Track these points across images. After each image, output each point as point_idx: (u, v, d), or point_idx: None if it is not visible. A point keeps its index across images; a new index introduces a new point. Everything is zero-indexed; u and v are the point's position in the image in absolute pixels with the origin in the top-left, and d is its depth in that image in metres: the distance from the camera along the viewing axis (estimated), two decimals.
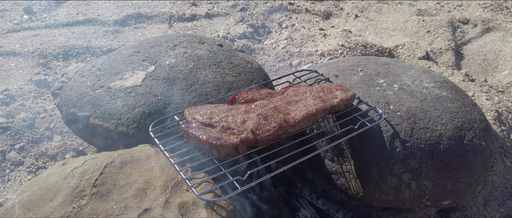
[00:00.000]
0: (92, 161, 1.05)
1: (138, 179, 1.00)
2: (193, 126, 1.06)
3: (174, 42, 1.59)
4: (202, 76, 1.39)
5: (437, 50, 2.40)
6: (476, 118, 1.36)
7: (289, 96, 1.22)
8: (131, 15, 2.60)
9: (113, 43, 2.29)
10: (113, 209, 0.92)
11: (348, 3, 2.98)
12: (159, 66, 1.42)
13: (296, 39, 2.47)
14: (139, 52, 1.52)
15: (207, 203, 0.96)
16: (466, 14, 2.85)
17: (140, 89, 1.32)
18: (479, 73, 2.30)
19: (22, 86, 1.87)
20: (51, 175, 1.02)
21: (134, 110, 1.24)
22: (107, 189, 0.97)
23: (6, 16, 2.53)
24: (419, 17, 2.76)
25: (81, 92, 1.34)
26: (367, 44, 2.39)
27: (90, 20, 2.53)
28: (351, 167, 1.30)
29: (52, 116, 1.71)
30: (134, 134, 1.21)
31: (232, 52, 1.58)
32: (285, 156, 1.06)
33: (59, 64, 2.10)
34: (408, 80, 1.49)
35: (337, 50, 2.33)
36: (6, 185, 1.45)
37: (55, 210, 0.92)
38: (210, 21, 2.64)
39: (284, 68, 2.20)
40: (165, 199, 0.95)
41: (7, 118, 1.65)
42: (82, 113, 1.28)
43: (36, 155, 1.55)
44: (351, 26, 2.68)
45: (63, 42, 2.25)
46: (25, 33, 2.34)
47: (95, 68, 1.44)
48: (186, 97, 1.30)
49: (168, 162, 1.06)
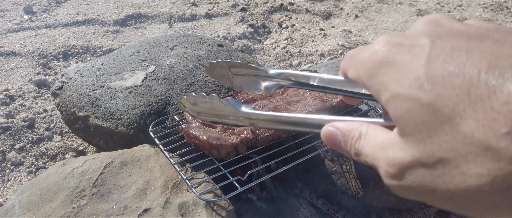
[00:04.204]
0: (92, 161, 1.05)
1: (138, 179, 1.00)
2: (193, 126, 1.06)
3: (174, 42, 1.59)
4: (202, 76, 1.39)
5: None
6: None
7: (289, 96, 1.22)
8: (131, 15, 2.60)
9: (113, 43, 2.29)
10: (113, 209, 0.92)
11: (348, 3, 2.98)
12: (159, 66, 1.42)
13: (296, 39, 2.47)
14: (139, 52, 1.52)
15: (207, 203, 0.96)
16: (466, 14, 2.85)
17: (140, 89, 1.32)
18: None
19: (22, 86, 1.87)
20: (51, 175, 1.02)
21: (134, 110, 1.24)
22: (107, 189, 0.97)
23: (6, 16, 2.53)
24: (419, 17, 2.76)
25: (81, 92, 1.34)
26: (367, 44, 2.39)
27: (90, 20, 2.53)
28: (351, 167, 1.30)
29: (52, 116, 1.71)
30: (134, 134, 1.21)
31: (232, 52, 1.58)
32: (285, 156, 1.06)
33: (59, 64, 2.10)
34: None
35: (337, 50, 2.33)
36: (6, 185, 1.45)
37: (55, 210, 0.91)
38: (210, 21, 2.64)
39: (284, 68, 2.20)
40: (165, 199, 0.95)
41: (7, 118, 1.65)
42: (82, 113, 1.28)
43: (36, 155, 1.55)
44: (351, 26, 2.68)
45: (63, 42, 2.25)
46: (25, 33, 2.34)
47: (95, 68, 1.44)
48: None
49: (168, 162, 1.06)
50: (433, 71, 0.23)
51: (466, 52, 0.23)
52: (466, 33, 0.25)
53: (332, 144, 0.32)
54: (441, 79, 0.23)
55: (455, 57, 0.23)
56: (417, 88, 0.23)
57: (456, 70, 0.22)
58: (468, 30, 0.25)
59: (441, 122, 0.22)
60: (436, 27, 0.27)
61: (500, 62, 0.21)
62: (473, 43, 0.23)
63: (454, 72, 0.22)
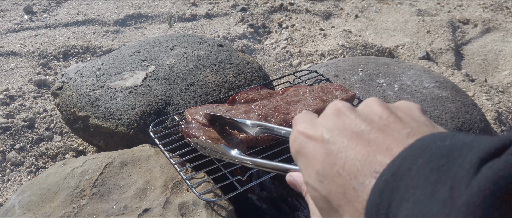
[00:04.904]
0: (92, 161, 1.05)
1: (138, 179, 1.00)
2: (193, 127, 1.06)
3: (174, 42, 1.59)
4: (202, 76, 1.39)
5: (437, 50, 2.40)
6: (476, 118, 1.36)
7: (289, 96, 1.22)
8: (131, 15, 2.60)
9: (113, 43, 2.29)
10: (113, 209, 0.92)
11: (348, 3, 2.98)
12: (159, 66, 1.42)
13: (296, 39, 2.47)
14: (139, 52, 1.52)
15: (207, 203, 0.96)
16: (466, 14, 2.85)
17: (140, 89, 1.32)
18: (479, 73, 2.30)
19: (22, 86, 1.87)
20: (51, 175, 1.02)
21: (134, 110, 1.24)
22: (107, 189, 0.97)
23: (6, 16, 2.53)
24: (419, 17, 2.76)
25: (81, 92, 1.34)
26: (367, 44, 2.39)
27: (90, 20, 2.53)
28: None
29: (52, 116, 1.71)
30: (134, 134, 1.21)
31: (232, 52, 1.58)
32: (285, 156, 1.06)
33: (59, 64, 2.10)
34: (408, 80, 1.49)
35: (337, 50, 2.33)
36: (6, 185, 1.45)
37: (55, 210, 0.92)
38: (210, 21, 2.64)
39: (284, 68, 2.20)
40: (165, 199, 0.95)
41: (7, 118, 1.65)
42: (82, 113, 1.28)
43: (36, 155, 1.55)
44: (351, 26, 2.68)
45: (63, 42, 2.25)
46: (25, 33, 2.34)
47: (95, 68, 1.44)
48: (186, 97, 1.30)
49: (168, 162, 1.06)
50: (326, 170, 0.31)
51: (345, 154, 0.30)
52: (350, 131, 0.31)
53: (293, 187, 0.42)
54: (331, 178, 0.30)
55: (339, 158, 0.30)
56: (318, 182, 0.31)
57: (338, 171, 0.30)
58: (353, 127, 0.32)
59: (333, 210, 0.31)
60: (335, 120, 0.33)
61: (364, 167, 0.28)
62: (352, 144, 0.30)
63: (338, 172, 0.30)
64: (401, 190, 0.25)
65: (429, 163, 0.24)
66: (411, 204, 0.24)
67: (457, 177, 0.22)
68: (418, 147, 0.26)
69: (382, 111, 0.32)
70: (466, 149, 0.23)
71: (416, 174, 0.24)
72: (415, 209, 0.23)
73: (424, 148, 0.26)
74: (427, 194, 0.23)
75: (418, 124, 0.31)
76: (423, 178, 0.24)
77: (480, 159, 0.22)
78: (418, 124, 0.31)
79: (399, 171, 0.25)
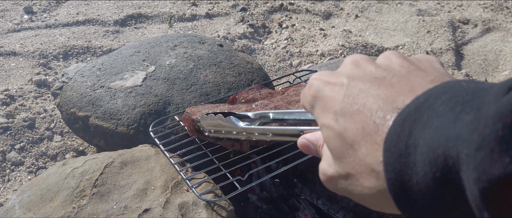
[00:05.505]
0: (92, 161, 1.05)
1: (138, 179, 1.00)
2: (196, 112, 1.06)
3: (174, 42, 1.59)
4: (202, 76, 1.39)
5: (437, 50, 2.40)
6: None
7: (290, 96, 1.22)
8: (131, 15, 2.60)
9: (113, 43, 2.29)
10: (113, 209, 0.92)
11: (348, 3, 2.97)
12: (159, 66, 1.42)
13: (296, 39, 2.47)
14: (139, 52, 1.52)
15: (207, 203, 0.96)
16: (466, 14, 2.85)
17: (140, 89, 1.32)
18: (480, 73, 2.30)
19: (22, 86, 1.87)
20: (51, 175, 1.02)
21: (134, 110, 1.24)
22: (107, 189, 0.97)
23: (6, 16, 2.53)
24: (420, 17, 2.76)
25: (81, 92, 1.34)
26: (367, 44, 2.39)
27: (90, 20, 2.53)
28: None
29: (52, 116, 1.71)
30: (134, 134, 1.21)
31: (232, 52, 1.58)
32: (285, 156, 1.06)
33: (59, 64, 2.10)
34: None
35: (338, 50, 2.33)
36: (6, 185, 1.45)
37: (55, 210, 0.91)
38: (210, 21, 2.64)
39: (284, 68, 2.20)
40: (165, 199, 0.95)
41: (7, 118, 1.65)
42: (82, 113, 1.28)
43: (36, 155, 1.55)
44: (351, 26, 2.68)
45: (63, 42, 2.25)
46: (25, 33, 2.34)
47: (95, 68, 1.44)
48: (186, 97, 1.30)
49: (168, 162, 1.06)
50: (345, 109, 0.30)
51: (367, 94, 0.30)
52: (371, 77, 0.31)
53: (306, 151, 0.40)
54: (349, 116, 0.30)
55: (360, 98, 0.30)
56: (334, 120, 0.31)
57: (359, 109, 0.29)
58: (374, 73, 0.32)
59: (346, 148, 0.30)
60: (354, 69, 0.33)
61: (386, 105, 0.28)
62: (373, 87, 0.30)
63: (358, 110, 0.29)
64: (423, 119, 0.24)
65: (454, 98, 0.24)
66: (433, 129, 0.23)
67: (484, 101, 0.22)
68: (443, 87, 0.26)
69: (402, 61, 0.32)
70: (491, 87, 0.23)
71: (440, 106, 0.24)
72: (436, 134, 0.23)
73: (449, 87, 0.25)
74: (451, 120, 0.23)
75: (440, 73, 0.30)
76: (448, 108, 0.23)
77: (508, 87, 0.21)
78: (440, 73, 0.31)
79: (423, 106, 0.25)
